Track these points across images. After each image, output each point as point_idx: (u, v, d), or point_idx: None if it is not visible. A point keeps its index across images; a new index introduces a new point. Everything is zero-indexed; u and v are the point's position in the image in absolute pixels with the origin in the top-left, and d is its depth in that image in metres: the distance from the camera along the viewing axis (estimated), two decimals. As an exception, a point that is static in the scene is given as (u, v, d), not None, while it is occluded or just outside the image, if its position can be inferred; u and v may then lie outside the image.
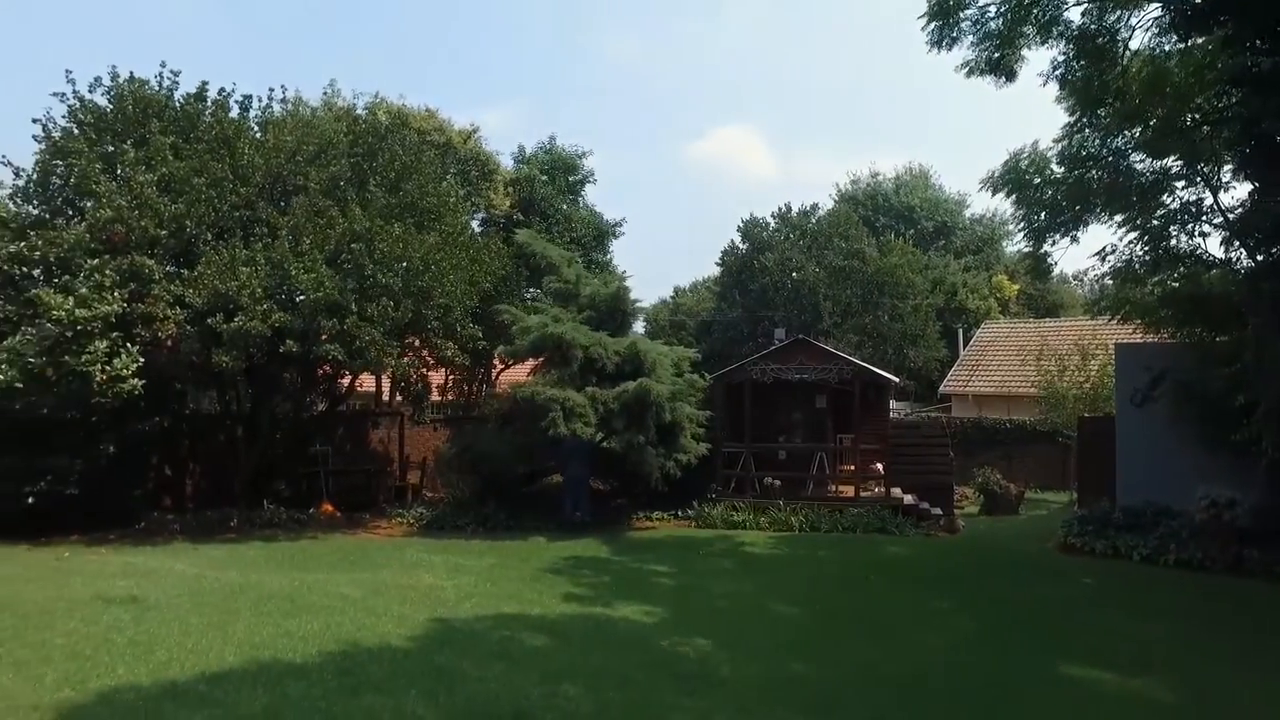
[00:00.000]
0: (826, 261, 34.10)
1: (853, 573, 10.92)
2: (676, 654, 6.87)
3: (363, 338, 12.48)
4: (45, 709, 4.78)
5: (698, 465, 14.80)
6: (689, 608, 8.72)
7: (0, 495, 11.49)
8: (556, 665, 6.19)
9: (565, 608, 8.39)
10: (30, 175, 13.65)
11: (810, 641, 7.55)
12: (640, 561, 11.43)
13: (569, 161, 25.02)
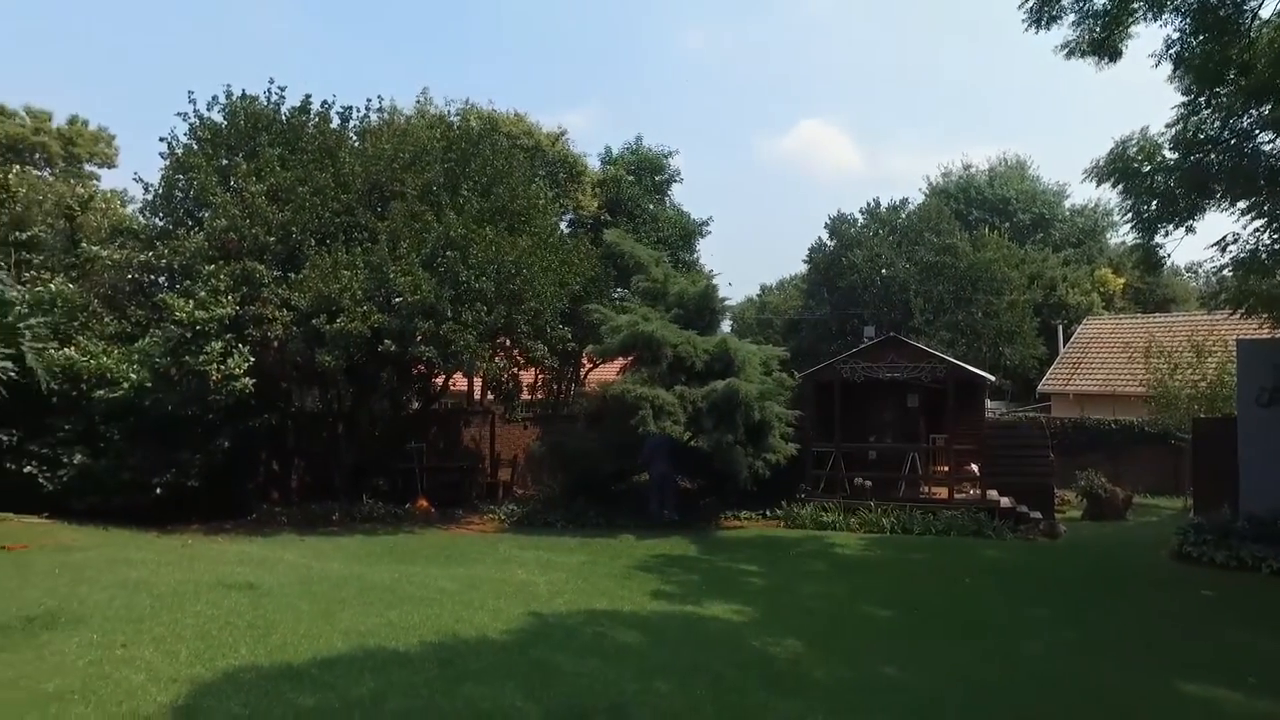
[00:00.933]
0: (917, 257, 33.24)
1: (947, 576, 10.63)
2: (768, 654, 6.84)
3: (457, 341, 12.88)
4: (181, 681, 5.13)
5: (786, 465, 14.67)
6: (779, 608, 8.66)
7: (133, 486, 12.36)
8: (649, 662, 6.25)
9: (656, 605, 8.45)
10: (157, 190, 14.64)
11: (904, 645, 7.39)
12: (729, 561, 11.41)
13: (655, 161, 25.12)
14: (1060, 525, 14.72)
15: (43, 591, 7.04)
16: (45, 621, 6.16)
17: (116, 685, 5.06)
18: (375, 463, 16.28)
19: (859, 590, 9.65)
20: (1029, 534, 14.09)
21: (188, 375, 11.99)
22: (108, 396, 12.01)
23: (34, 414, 11.70)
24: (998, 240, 35.49)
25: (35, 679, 5.08)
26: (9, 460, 11.70)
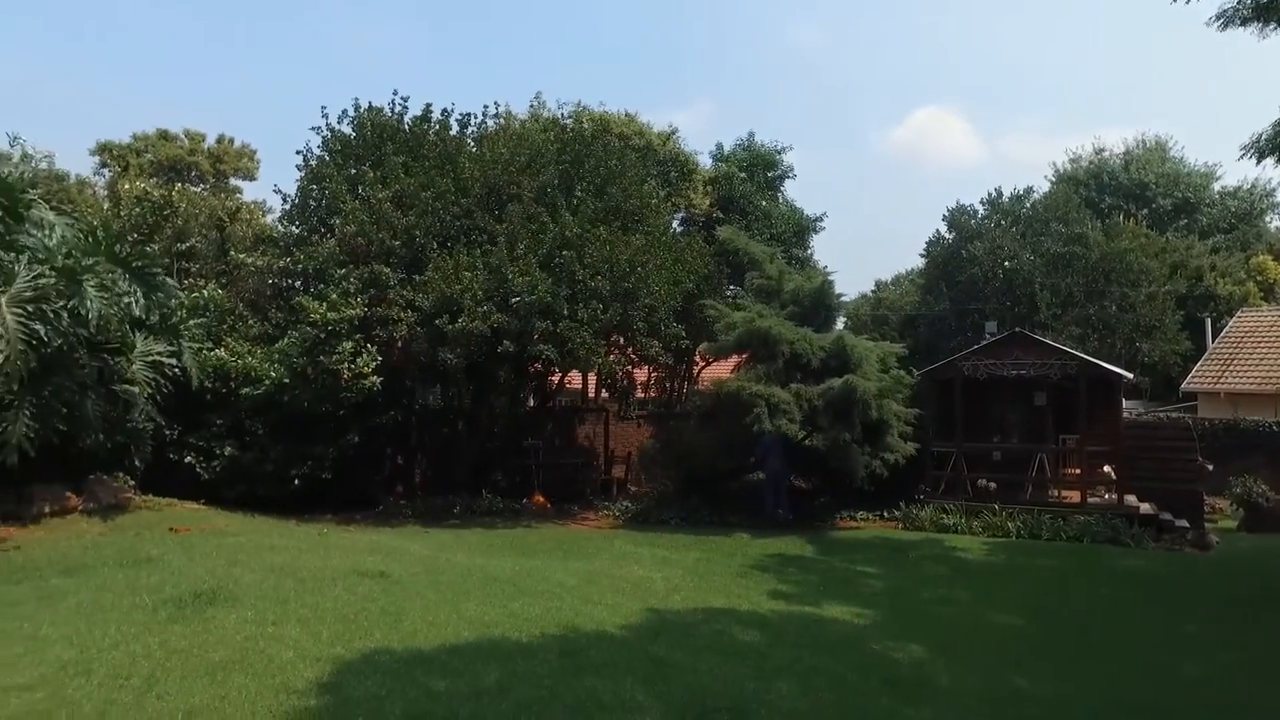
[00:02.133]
0: (1043, 248, 31.49)
1: (1082, 586, 10.06)
2: (890, 658, 6.67)
3: (574, 339, 13.16)
4: (325, 661, 5.45)
5: (905, 465, 14.24)
6: (900, 612, 8.43)
7: (275, 477, 13.24)
8: (769, 662, 6.20)
9: (773, 605, 8.38)
10: (293, 200, 15.61)
11: (1035, 656, 7.06)
12: (847, 562, 11.19)
13: (767, 158, 24.86)
14: (1211, 535, 13.65)
15: (205, 571, 7.64)
16: (209, 598, 6.68)
17: (269, 660, 5.43)
18: (494, 459, 16.80)
19: (984, 596, 9.27)
20: (1175, 544, 13.14)
21: (321, 374, 12.73)
22: (252, 394, 12.92)
23: (191, 410, 12.69)
24: (1134, 228, 33.19)
25: (203, 649, 5.52)
26: (171, 451, 12.75)
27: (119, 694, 4.82)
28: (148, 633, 5.88)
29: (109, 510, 10.49)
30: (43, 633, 5.80)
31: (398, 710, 4.73)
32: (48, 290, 8.51)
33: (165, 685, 4.96)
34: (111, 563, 7.95)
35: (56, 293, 8.63)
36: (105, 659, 5.35)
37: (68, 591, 6.87)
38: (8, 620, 6.08)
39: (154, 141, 32.21)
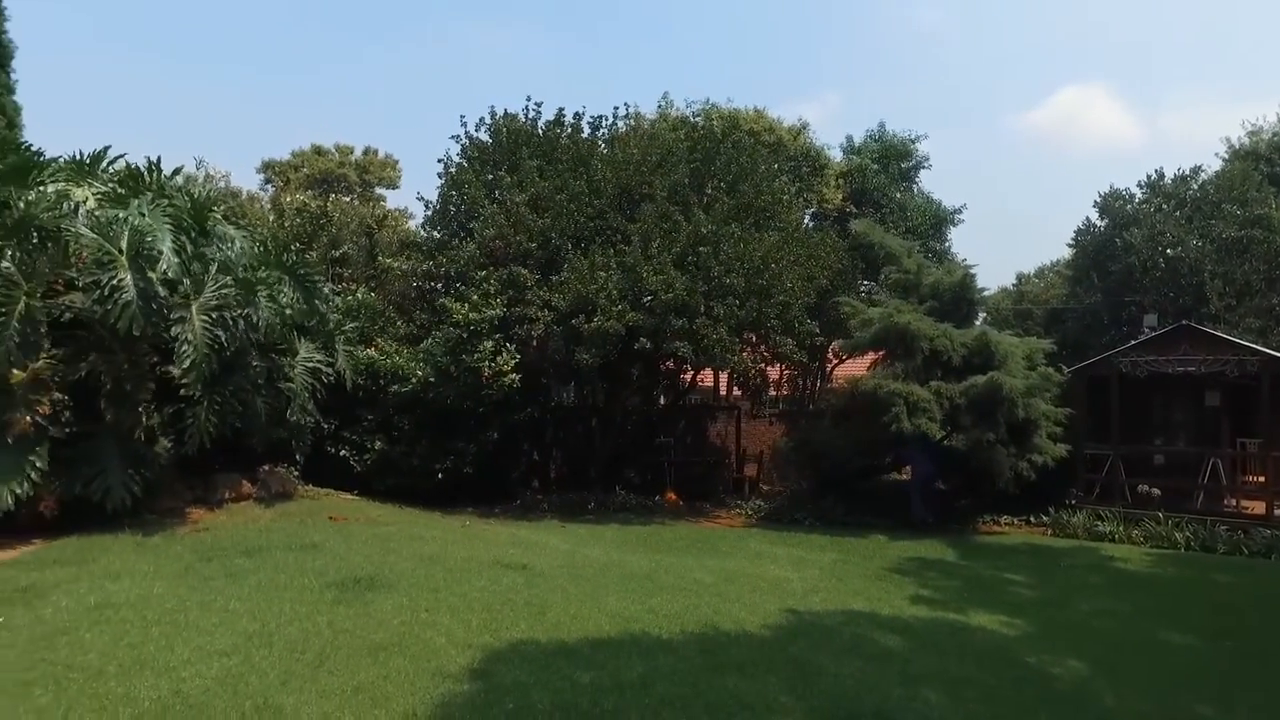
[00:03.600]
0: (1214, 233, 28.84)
1: (1270, 606, 9.17)
2: (1046, 673, 6.31)
3: (709, 336, 13.19)
4: (475, 648, 5.71)
5: (1054, 468, 13.44)
6: (1054, 623, 7.96)
7: (420, 471, 13.94)
8: (914, 668, 6.01)
9: (915, 610, 8.10)
10: (434, 205, 16.40)
11: (1216, 680, 6.49)
12: (992, 568, 10.67)
13: (901, 148, 24.01)
14: None
15: (362, 558, 8.15)
16: (367, 584, 7.12)
17: (424, 645, 5.73)
18: (626, 456, 17.05)
19: (1148, 612, 8.61)
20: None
21: (464, 372, 13.30)
22: (400, 391, 13.66)
23: (345, 406, 13.55)
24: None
25: (365, 631, 5.90)
26: (328, 445, 13.66)
27: (296, 666, 5.22)
28: (317, 612, 6.33)
29: (276, 498, 11.34)
30: (231, 606, 6.36)
31: (545, 700, 4.88)
32: (229, 299, 9.31)
33: (334, 662, 5.33)
34: (282, 546, 8.59)
35: (235, 301, 9.42)
36: (283, 633, 5.81)
37: (248, 571, 7.48)
38: (204, 594, 6.70)
39: (309, 157, 34.65)
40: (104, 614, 6.14)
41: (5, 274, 8.20)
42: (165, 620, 6.05)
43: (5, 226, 8.37)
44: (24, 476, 8.23)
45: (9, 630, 5.73)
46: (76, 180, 9.53)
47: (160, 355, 9.48)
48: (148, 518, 9.48)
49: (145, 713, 4.51)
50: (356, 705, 4.69)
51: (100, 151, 9.96)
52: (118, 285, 8.50)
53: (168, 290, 8.99)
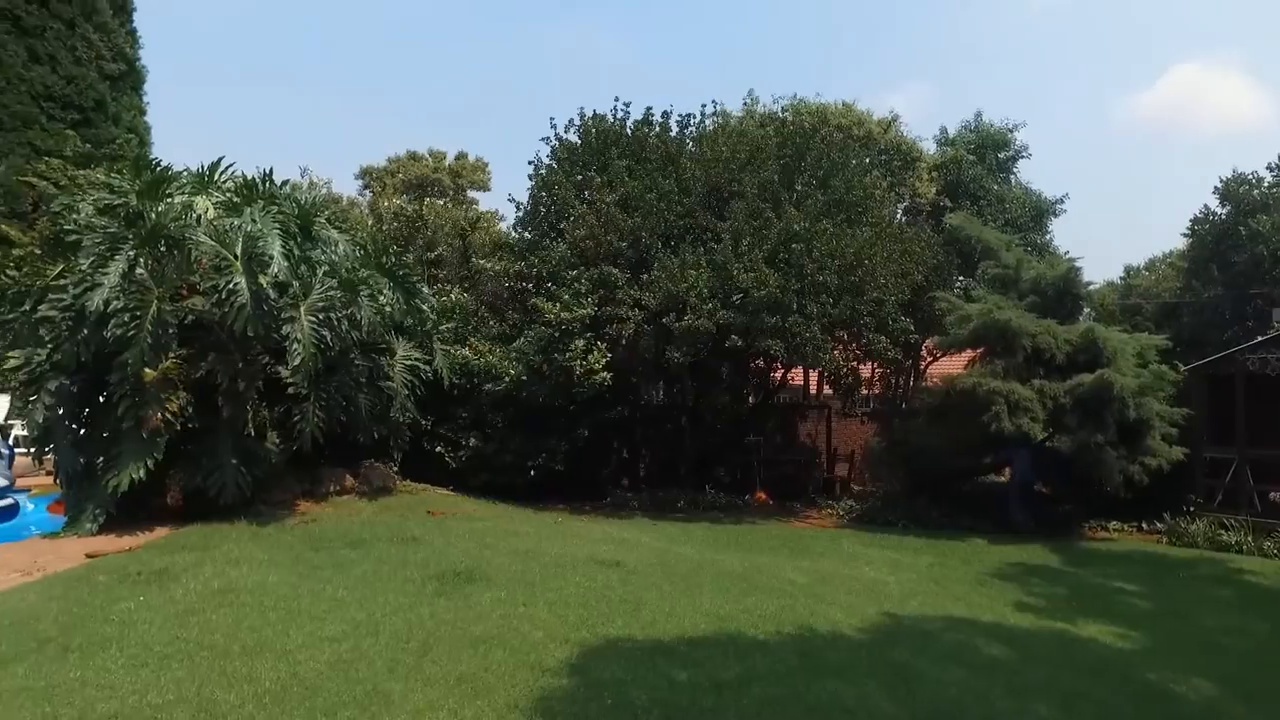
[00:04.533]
0: (1355, 220, 26.73)
1: None
2: (1169, 692, 5.97)
3: (801, 334, 13.03)
4: (572, 643, 5.80)
5: (1169, 472, 12.71)
6: (1175, 638, 7.52)
7: (513, 467, 14.24)
8: (1022, 679, 5.78)
9: (1020, 618, 7.80)
10: (525, 207, 16.69)
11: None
12: (1100, 576, 10.18)
13: (998, 137, 23.15)
14: None
15: (460, 552, 8.37)
16: (466, 577, 7.31)
17: (523, 638, 5.84)
18: (715, 454, 16.99)
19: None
20: None
21: (556, 370, 13.50)
22: (494, 389, 13.97)
23: (441, 404, 13.95)
24: None
25: (465, 624, 6.05)
26: (425, 441, 14.09)
27: (402, 655, 5.40)
28: (419, 604, 6.54)
29: (378, 492, 11.77)
30: (340, 595, 6.63)
31: (643, 697, 4.91)
32: (333, 300, 9.71)
33: (438, 652, 5.49)
34: (384, 539, 8.91)
35: (339, 302, 9.82)
36: (388, 623, 6.02)
37: (354, 561, 7.79)
38: (314, 582, 7.01)
39: (404, 163, 35.81)
40: (226, 598, 6.50)
41: (139, 280, 8.77)
42: (280, 606, 6.36)
43: (140, 236, 8.94)
44: (143, 464, 8.77)
45: (148, 609, 6.14)
46: (198, 191, 10.10)
47: (271, 355, 9.97)
48: (260, 509, 9.98)
49: (266, 692, 4.75)
50: (460, 695, 4.82)
51: (217, 163, 10.53)
52: (233, 289, 8.98)
53: (277, 293, 9.45)
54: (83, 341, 8.84)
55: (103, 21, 18.95)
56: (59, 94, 18.10)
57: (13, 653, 5.26)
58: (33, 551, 8.15)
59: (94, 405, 9.60)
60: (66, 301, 8.81)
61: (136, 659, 5.19)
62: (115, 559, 7.77)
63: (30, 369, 9.00)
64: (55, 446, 9.59)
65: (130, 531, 8.87)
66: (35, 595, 6.54)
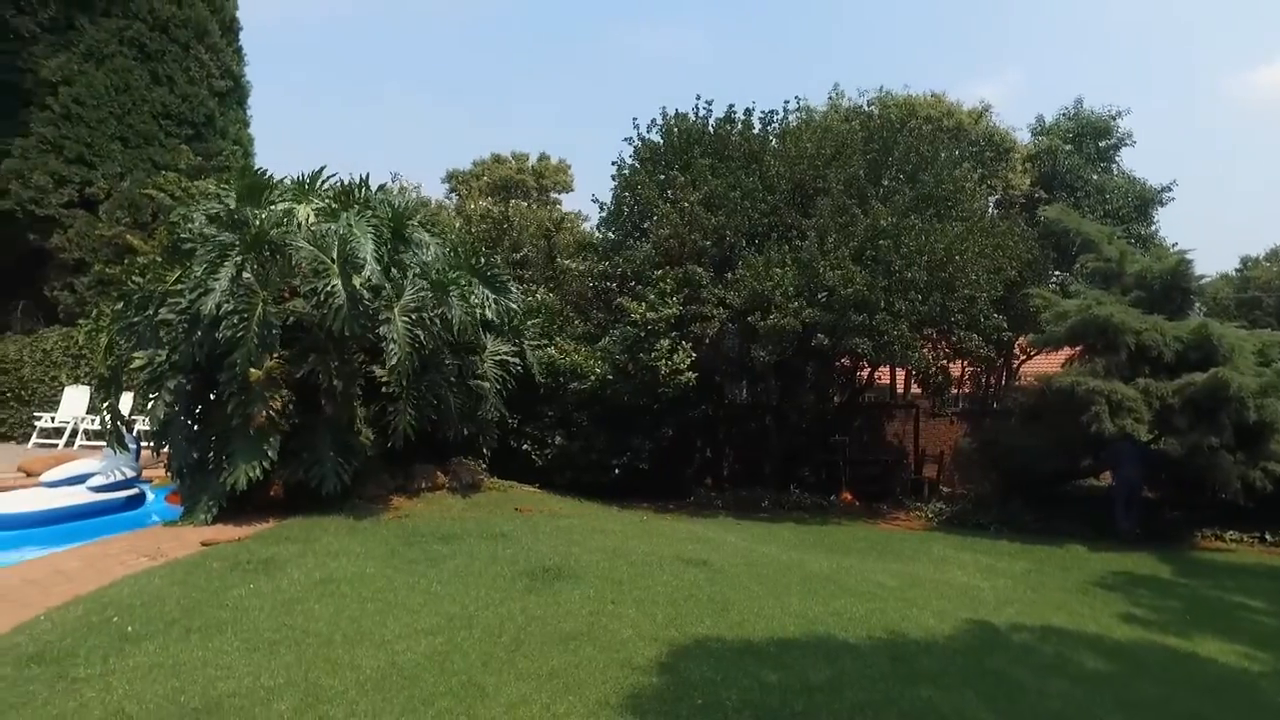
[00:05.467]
0: None
1: None
2: (1303, 716, 5.61)
3: (890, 332, 12.76)
4: (661, 642, 5.82)
5: (1297, 478, 11.93)
6: (1314, 662, 7.03)
7: (598, 466, 14.40)
8: (1132, 695, 5.52)
9: (1126, 631, 7.45)
10: (609, 207, 16.83)
11: None
12: (1218, 590, 9.63)
13: (1098, 124, 22.09)
14: None
15: (549, 549, 8.51)
16: (555, 574, 7.42)
17: (612, 635, 5.90)
18: (800, 454, 16.80)
19: None
20: None
21: (641, 370, 13.57)
22: (579, 388, 14.15)
23: (528, 402, 14.19)
24: None
25: (555, 620, 6.15)
26: (512, 439, 14.37)
27: (495, 649, 5.53)
28: (510, 599, 6.67)
29: (467, 489, 12.05)
30: (434, 589, 6.83)
31: (733, 697, 4.89)
32: (425, 300, 10.01)
33: (529, 647, 5.59)
34: (474, 535, 9.12)
35: (431, 302, 10.12)
36: (481, 617, 6.17)
37: (446, 556, 8.01)
38: (409, 575, 7.24)
39: (489, 165, 36.63)
40: (327, 588, 6.78)
41: (246, 284, 9.23)
42: (378, 598, 6.59)
43: (245, 242, 9.42)
44: (260, 462, 9.24)
45: (257, 596, 6.46)
46: (298, 198, 10.55)
47: (367, 355, 10.34)
48: (356, 503, 10.35)
49: (368, 679, 4.94)
50: (552, 690, 4.90)
51: (317, 172, 11.00)
52: (331, 291, 9.34)
53: (372, 294, 9.78)
54: (197, 343, 9.35)
55: (213, 42, 20.06)
56: (175, 112, 19.26)
57: (144, 631, 5.63)
58: (156, 538, 8.68)
59: (206, 403, 10.14)
60: (183, 305, 9.33)
61: (249, 643, 5.47)
62: (227, 548, 8.20)
63: (152, 369, 9.58)
64: (172, 441, 10.17)
65: (239, 522, 9.34)
66: (160, 579, 6.97)
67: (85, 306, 17.56)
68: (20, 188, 17.64)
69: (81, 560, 7.80)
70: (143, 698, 4.61)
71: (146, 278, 10.06)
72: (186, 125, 19.51)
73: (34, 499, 10.32)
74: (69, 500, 10.43)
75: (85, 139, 18.18)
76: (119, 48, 18.51)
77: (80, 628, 5.72)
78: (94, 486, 10.76)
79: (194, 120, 19.62)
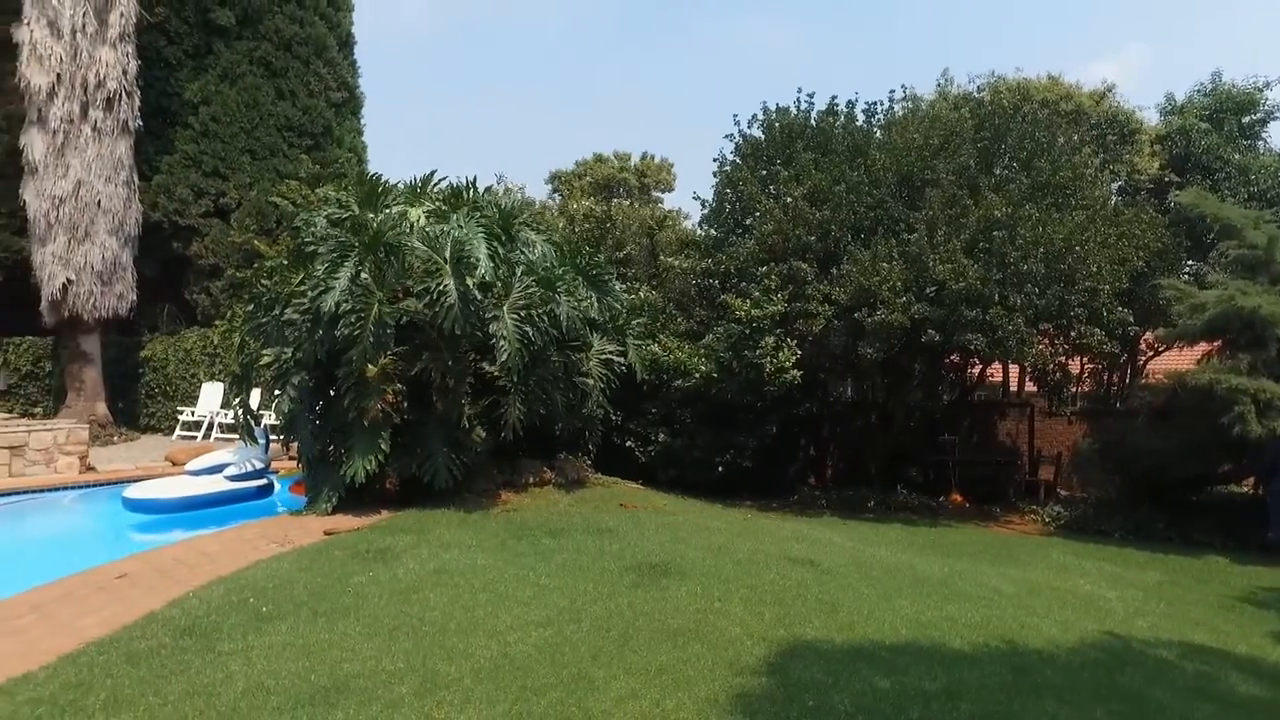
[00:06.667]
0: None
1: None
2: None
3: (1005, 327, 12.25)
4: (769, 641, 5.75)
5: None
6: None
7: (701, 463, 14.40)
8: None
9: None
10: (710, 204, 16.78)
11: None
12: (1392, 611, 8.76)
13: (1241, 99, 20.34)
14: None
15: (654, 545, 8.55)
16: (661, 570, 7.45)
17: (720, 633, 5.87)
18: (906, 454, 16.37)
19: None
20: None
21: (746, 367, 13.47)
22: (683, 386, 14.16)
23: (631, 399, 14.30)
24: None
25: (662, 616, 6.17)
26: (615, 436, 14.53)
27: (603, 643, 5.58)
28: (617, 594, 6.73)
29: (572, 484, 12.24)
30: (543, 582, 6.97)
31: (845, 702, 4.78)
32: (533, 298, 10.24)
33: (637, 642, 5.62)
34: (580, 529, 9.26)
35: (539, 300, 10.33)
36: (589, 611, 6.25)
37: (554, 550, 8.16)
38: (518, 568, 7.42)
39: (591, 165, 37.16)
40: (441, 579, 7.01)
41: (363, 284, 9.66)
42: (489, 589, 6.77)
43: (363, 244, 9.86)
44: (375, 456, 9.65)
45: (376, 584, 6.76)
46: (411, 201, 10.97)
47: (477, 352, 10.64)
48: (466, 496, 10.67)
49: (482, 668, 5.08)
50: (660, 686, 4.91)
51: (428, 176, 11.42)
52: (443, 290, 9.66)
53: (482, 293, 10.07)
54: (319, 341, 9.85)
55: (330, 57, 21.13)
56: (296, 124, 20.40)
57: (277, 612, 5.99)
58: (283, 526, 9.20)
59: (327, 399, 10.67)
60: (305, 305, 9.84)
61: (370, 628, 5.72)
62: (347, 537, 8.60)
63: (279, 366, 10.17)
64: (298, 434, 10.76)
65: (357, 512, 9.79)
66: (289, 565, 7.38)
67: (220, 309, 18.85)
68: (166, 200, 19.11)
69: (221, 544, 8.37)
70: (278, 674, 4.91)
71: (274, 280, 10.67)
72: (306, 136, 20.62)
73: (180, 486, 11.15)
74: (209, 488, 11.21)
75: (220, 153, 19.50)
76: (249, 67, 19.75)
77: (223, 606, 6.14)
78: (230, 476, 11.51)
79: (313, 131, 20.70)
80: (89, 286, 17.01)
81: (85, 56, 16.80)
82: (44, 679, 4.91)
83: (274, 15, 19.92)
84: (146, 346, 19.40)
